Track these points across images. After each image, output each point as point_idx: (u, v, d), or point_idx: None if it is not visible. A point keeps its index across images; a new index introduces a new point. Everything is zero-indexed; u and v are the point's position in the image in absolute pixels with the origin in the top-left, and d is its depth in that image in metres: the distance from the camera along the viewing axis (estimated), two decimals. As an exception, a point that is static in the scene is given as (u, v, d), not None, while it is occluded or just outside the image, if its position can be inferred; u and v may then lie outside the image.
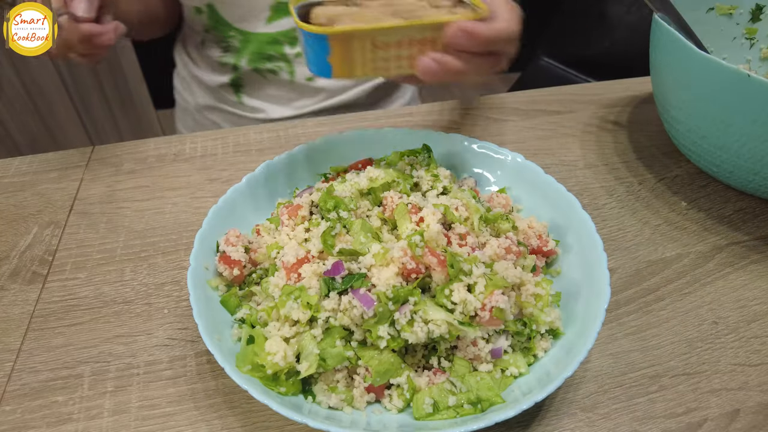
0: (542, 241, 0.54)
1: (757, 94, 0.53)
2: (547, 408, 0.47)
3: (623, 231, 0.64)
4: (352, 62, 0.48)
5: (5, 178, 0.72)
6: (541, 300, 0.48)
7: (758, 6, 0.76)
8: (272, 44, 0.92)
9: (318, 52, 0.46)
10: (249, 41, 0.92)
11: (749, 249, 0.62)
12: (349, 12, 0.49)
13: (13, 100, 1.71)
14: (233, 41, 0.93)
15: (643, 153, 0.76)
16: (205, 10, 0.90)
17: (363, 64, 0.49)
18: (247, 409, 0.47)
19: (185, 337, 0.52)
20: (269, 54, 0.93)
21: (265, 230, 0.55)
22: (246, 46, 0.93)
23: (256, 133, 0.79)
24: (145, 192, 0.69)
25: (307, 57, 0.49)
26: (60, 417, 0.46)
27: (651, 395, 0.48)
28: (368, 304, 0.43)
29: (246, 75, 0.96)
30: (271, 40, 0.92)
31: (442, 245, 0.48)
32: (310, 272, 0.47)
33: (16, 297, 0.57)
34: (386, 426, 0.43)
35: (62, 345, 0.52)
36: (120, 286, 0.57)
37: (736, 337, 0.53)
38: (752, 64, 0.80)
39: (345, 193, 0.53)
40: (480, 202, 0.57)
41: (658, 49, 0.64)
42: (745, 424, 0.46)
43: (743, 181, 0.63)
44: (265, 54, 0.93)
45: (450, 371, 0.46)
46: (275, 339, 0.44)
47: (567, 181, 0.70)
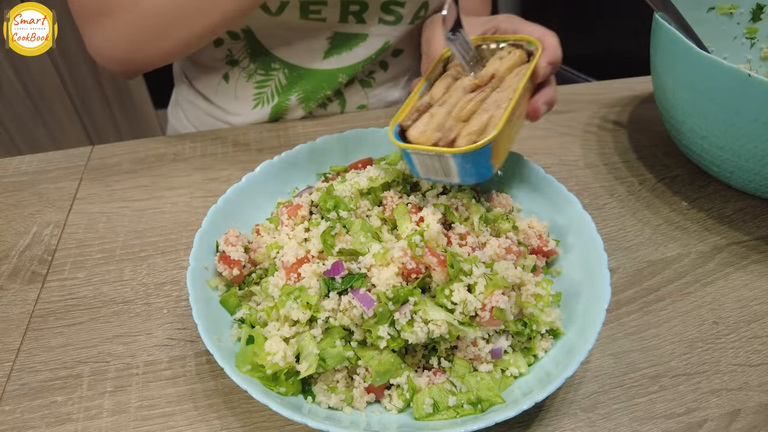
0: (542, 241, 0.54)
1: (757, 93, 0.53)
2: (547, 408, 0.47)
3: (624, 231, 0.64)
4: (500, 150, 0.51)
5: (5, 178, 0.72)
6: (542, 300, 0.48)
7: (759, 5, 0.76)
8: (329, 81, 0.81)
9: (481, 161, 0.49)
10: (301, 77, 0.81)
11: (750, 249, 0.61)
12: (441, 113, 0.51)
13: (13, 100, 1.71)
14: (278, 75, 0.81)
15: (644, 153, 0.76)
16: (242, 36, 0.78)
17: (508, 142, 0.53)
18: (247, 409, 0.47)
19: (185, 337, 0.52)
20: (325, 93, 0.82)
21: (265, 230, 0.55)
22: (297, 82, 0.81)
23: (256, 133, 0.79)
24: (144, 192, 0.69)
25: (464, 173, 0.49)
26: (59, 417, 0.46)
27: (651, 395, 0.48)
28: (368, 304, 0.43)
29: (291, 110, 0.84)
30: (328, 77, 0.81)
31: (442, 245, 0.48)
32: (310, 272, 0.47)
33: (15, 297, 0.57)
34: (386, 426, 0.43)
35: (61, 345, 0.52)
36: (119, 286, 0.57)
37: (736, 337, 0.52)
38: (753, 63, 0.80)
39: (345, 193, 0.53)
40: (480, 201, 0.57)
41: (659, 48, 0.64)
42: (746, 424, 0.46)
43: (744, 180, 0.63)
44: (320, 93, 0.82)
45: (450, 371, 0.46)
46: (275, 339, 0.44)
47: (567, 181, 0.70)
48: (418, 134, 0.50)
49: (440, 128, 0.50)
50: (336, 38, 0.79)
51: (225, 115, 0.86)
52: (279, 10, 0.72)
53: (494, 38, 0.59)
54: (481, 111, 0.51)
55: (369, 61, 0.81)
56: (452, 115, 0.51)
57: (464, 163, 0.48)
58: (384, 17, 0.78)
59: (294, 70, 0.81)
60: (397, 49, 0.85)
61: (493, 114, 0.50)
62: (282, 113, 0.84)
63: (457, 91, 0.54)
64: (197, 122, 0.90)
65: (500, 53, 0.57)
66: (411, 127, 0.51)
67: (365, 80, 0.86)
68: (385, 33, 0.80)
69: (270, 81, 0.82)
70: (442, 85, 0.55)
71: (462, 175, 0.49)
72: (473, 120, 0.50)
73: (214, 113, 0.87)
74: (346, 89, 0.85)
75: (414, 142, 0.49)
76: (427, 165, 0.50)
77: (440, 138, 0.49)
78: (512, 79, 0.54)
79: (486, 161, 0.49)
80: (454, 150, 0.47)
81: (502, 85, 0.53)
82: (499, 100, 0.51)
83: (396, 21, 0.79)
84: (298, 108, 0.83)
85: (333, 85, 0.82)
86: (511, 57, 0.55)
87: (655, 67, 0.67)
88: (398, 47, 0.85)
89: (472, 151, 0.47)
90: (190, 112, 0.92)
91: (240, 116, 0.84)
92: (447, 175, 0.50)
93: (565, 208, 0.56)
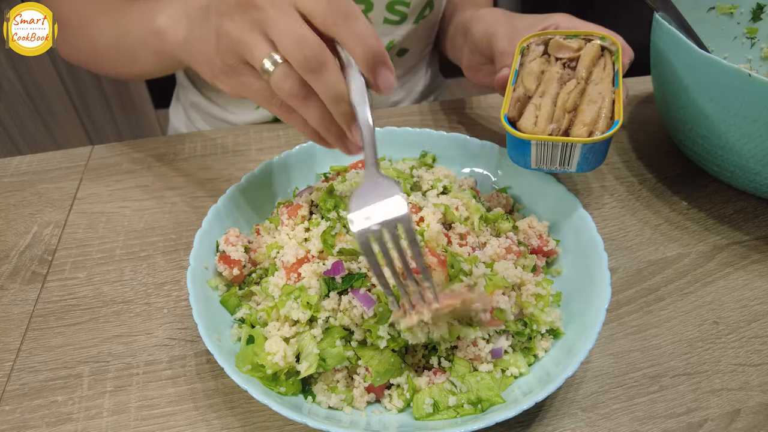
0: (543, 240, 0.54)
1: (757, 93, 0.53)
2: (547, 408, 0.47)
3: (624, 231, 0.64)
4: None
5: (5, 178, 0.72)
6: (542, 300, 0.48)
7: (759, 5, 0.76)
8: None
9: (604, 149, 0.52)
10: None
11: (750, 249, 0.61)
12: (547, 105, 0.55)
13: (13, 100, 1.71)
14: None
15: (644, 152, 0.76)
16: None
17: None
18: (247, 409, 0.47)
19: (185, 336, 0.52)
20: None
21: (265, 230, 0.55)
22: None
23: (256, 133, 0.79)
24: (144, 191, 0.69)
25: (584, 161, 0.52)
26: (59, 417, 0.46)
27: (651, 395, 0.48)
28: (368, 304, 0.43)
29: None
30: None
31: (442, 245, 0.48)
32: (310, 272, 0.47)
33: (15, 297, 0.57)
34: (386, 426, 0.43)
35: (62, 345, 0.52)
36: (119, 286, 0.57)
37: (736, 337, 0.52)
38: (753, 63, 0.80)
39: (345, 192, 0.53)
40: (480, 201, 0.57)
41: (659, 48, 0.64)
42: (746, 424, 0.46)
43: (744, 180, 0.63)
44: None
45: (450, 371, 0.46)
46: (275, 339, 0.44)
47: (567, 181, 0.70)
48: (530, 125, 0.53)
49: (550, 119, 0.53)
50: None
51: (227, 115, 0.86)
52: None
53: (567, 33, 0.61)
54: (588, 102, 0.53)
55: None
56: (558, 106, 0.54)
57: (589, 152, 0.51)
58: (389, 17, 0.78)
59: None
60: (403, 49, 0.85)
61: (601, 105, 0.53)
62: None
63: (552, 83, 0.56)
64: (199, 122, 0.90)
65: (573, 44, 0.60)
66: (519, 118, 0.54)
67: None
68: (390, 32, 0.80)
69: None
70: (531, 77, 0.57)
71: (581, 163, 0.52)
72: (584, 111, 0.53)
73: (216, 113, 0.87)
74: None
75: (529, 133, 0.52)
76: (546, 154, 0.52)
77: (554, 129, 0.52)
78: (600, 71, 0.57)
79: (606, 150, 0.52)
80: (587, 140, 0.50)
81: (592, 77, 0.57)
82: (602, 91, 0.54)
83: (401, 21, 0.79)
84: None
85: None
86: (590, 49, 0.58)
87: (656, 67, 0.67)
88: (403, 46, 0.85)
89: (602, 141, 0.50)
90: (192, 112, 0.91)
91: (242, 116, 0.84)
92: (564, 164, 0.52)
93: (565, 208, 0.56)
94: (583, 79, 0.56)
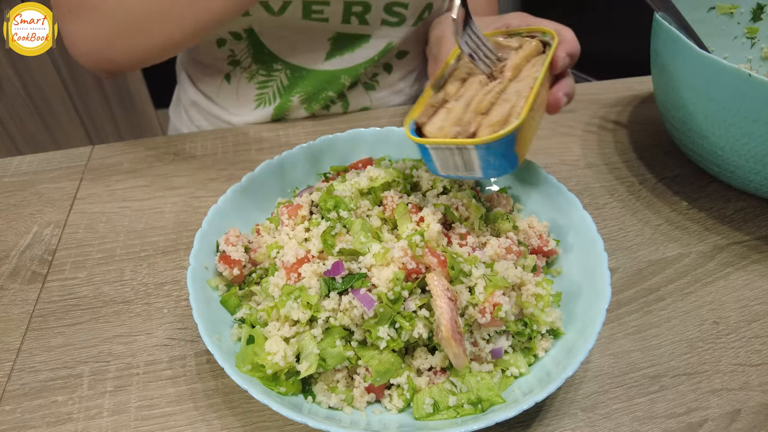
0: (543, 240, 0.54)
1: (758, 93, 0.53)
2: (547, 408, 0.47)
3: (624, 231, 0.64)
4: (523, 141, 0.48)
5: (5, 178, 0.72)
6: (542, 300, 0.48)
7: (759, 5, 0.76)
8: (331, 82, 0.81)
9: (505, 151, 0.45)
10: (303, 78, 0.80)
11: (750, 249, 0.61)
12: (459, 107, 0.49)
13: (13, 100, 1.71)
14: (279, 76, 0.81)
15: (644, 152, 0.76)
16: (245, 36, 0.77)
17: (530, 133, 0.50)
18: (247, 409, 0.47)
19: (185, 336, 0.52)
20: (327, 94, 0.82)
21: (265, 230, 0.55)
22: (299, 83, 0.81)
23: (256, 133, 0.79)
24: (144, 191, 0.69)
25: (487, 166, 0.46)
26: (60, 417, 0.46)
27: (652, 395, 0.48)
28: (368, 304, 0.43)
29: (293, 110, 0.84)
30: (330, 78, 0.80)
31: (442, 245, 0.48)
32: (310, 272, 0.47)
33: (15, 296, 0.57)
34: (386, 426, 0.43)
35: (62, 345, 0.52)
36: (119, 286, 0.57)
37: (736, 337, 0.52)
38: (753, 63, 0.80)
39: (345, 192, 0.53)
40: (480, 201, 0.56)
41: (659, 48, 0.64)
42: (746, 424, 0.46)
43: (744, 180, 0.63)
44: (322, 93, 0.82)
45: (450, 371, 0.46)
46: (275, 339, 0.44)
47: (568, 181, 0.70)
48: (435, 130, 0.47)
49: (459, 122, 0.47)
50: (338, 39, 0.78)
51: (227, 115, 0.86)
52: (281, 10, 0.72)
53: (508, 32, 0.57)
54: (501, 102, 0.48)
55: (372, 62, 0.81)
56: (471, 108, 0.48)
57: (487, 155, 0.45)
58: (387, 18, 0.78)
59: (296, 70, 0.81)
60: (402, 51, 0.85)
61: (515, 104, 0.47)
62: (285, 114, 0.84)
63: (473, 85, 0.51)
64: (199, 122, 0.90)
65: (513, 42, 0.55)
66: (428, 123, 0.49)
67: (369, 83, 0.86)
68: (388, 34, 0.80)
69: (272, 82, 0.82)
70: (456, 82, 0.53)
71: (485, 168, 0.46)
72: (494, 111, 0.47)
73: (217, 113, 0.87)
74: (349, 92, 0.85)
75: (432, 137, 0.47)
76: (446, 160, 0.47)
77: (459, 132, 0.46)
78: (530, 69, 0.52)
79: (510, 152, 0.46)
80: (477, 141, 0.44)
81: (520, 75, 0.51)
82: (520, 89, 0.49)
83: (399, 22, 0.79)
84: (300, 109, 0.83)
85: (336, 88, 0.82)
86: (526, 47, 0.53)
87: (656, 67, 0.67)
88: (403, 49, 0.85)
89: (497, 140, 0.43)
90: (192, 112, 0.91)
91: (242, 116, 0.84)
92: (468, 169, 0.47)
93: (565, 208, 0.56)
94: (508, 78, 0.51)
